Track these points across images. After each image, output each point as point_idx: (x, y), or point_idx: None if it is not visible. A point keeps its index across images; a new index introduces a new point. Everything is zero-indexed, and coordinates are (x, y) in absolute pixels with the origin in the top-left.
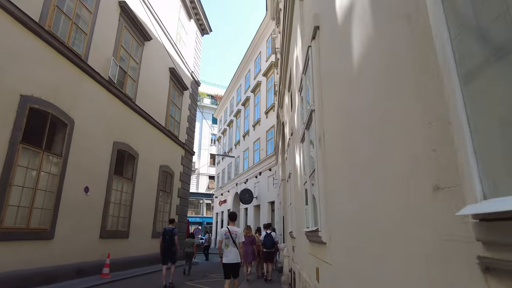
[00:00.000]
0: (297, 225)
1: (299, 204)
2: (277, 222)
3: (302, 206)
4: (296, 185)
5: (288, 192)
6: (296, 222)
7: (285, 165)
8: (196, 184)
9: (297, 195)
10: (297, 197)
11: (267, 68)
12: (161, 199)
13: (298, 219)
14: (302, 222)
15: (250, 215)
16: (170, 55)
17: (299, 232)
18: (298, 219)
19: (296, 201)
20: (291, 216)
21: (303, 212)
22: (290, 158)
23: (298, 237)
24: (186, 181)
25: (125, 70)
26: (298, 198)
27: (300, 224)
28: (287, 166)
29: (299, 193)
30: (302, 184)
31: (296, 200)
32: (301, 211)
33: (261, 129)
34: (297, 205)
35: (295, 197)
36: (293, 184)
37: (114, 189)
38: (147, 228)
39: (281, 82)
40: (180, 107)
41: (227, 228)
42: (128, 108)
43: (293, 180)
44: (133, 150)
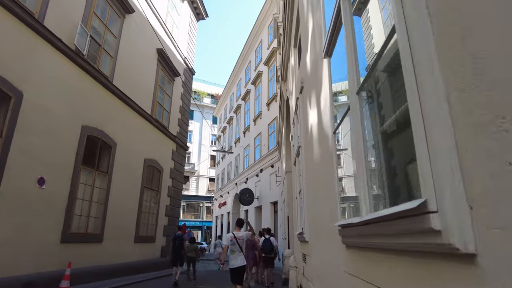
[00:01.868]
0: (318, 219)
1: (321, 186)
2: (281, 225)
3: (330, 187)
4: (314, 154)
5: (297, 173)
6: (313, 216)
7: (290, 146)
8: (195, 187)
9: (318, 172)
10: (319, 175)
11: (269, 56)
12: (146, 198)
13: (321, 209)
14: (333, 211)
15: (251, 218)
16: (158, 34)
17: (321, 230)
18: (319, 209)
19: (314, 182)
20: (301, 210)
21: (334, 197)
22: (301, 118)
23: (317, 239)
24: (178, 179)
25: (99, 43)
26: (319, 177)
27: (324, 217)
28: (295, 133)
29: (322, 169)
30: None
31: (315, 180)
32: (329, 195)
33: (263, 123)
34: (316, 188)
35: (311, 176)
36: (308, 153)
37: (83, 183)
38: (129, 231)
39: (285, 37)
40: (170, 94)
41: (233, 234)
42: (102, 88)
43: (308, 147)
44: (109, 138)
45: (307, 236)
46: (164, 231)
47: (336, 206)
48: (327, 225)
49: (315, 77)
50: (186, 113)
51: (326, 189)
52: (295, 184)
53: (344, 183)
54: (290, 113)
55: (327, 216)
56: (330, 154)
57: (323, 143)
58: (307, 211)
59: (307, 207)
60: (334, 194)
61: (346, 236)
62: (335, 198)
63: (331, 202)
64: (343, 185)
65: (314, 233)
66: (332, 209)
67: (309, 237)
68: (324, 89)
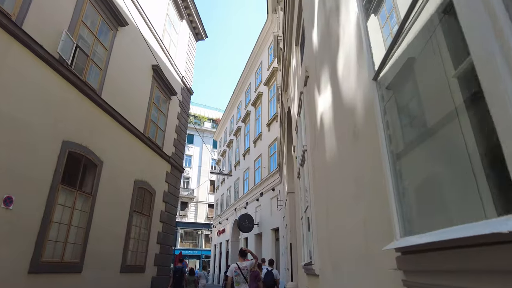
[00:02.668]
0: (337, 241)
1: (345, 186)
2: (283, 253)
3: (369, 178)
4: (328, 147)
5: (302, 187)
6: (327, 237)
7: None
8: (194, 213)
9: (337, 168)
10: (338, 172)
11: (269, 76)
12: (136, 223)
13: (343, 224)
14: (376, 224)
15: (251, 246)
16: (153, 50)
17: (343, 258)
18: (338, 225)
19: (328, 187)
20: (307, 234)
21: (380, 194)
22: (306, 116)
23: (336, 273)
24: (172, 203)
25: (87, 54)
26: (339, 174)
27: (350, 236)
28: (299, 139)
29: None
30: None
31: (329, 184)
32: (366, 193)
33: (263, 144)
34: (333, 193)
35: (322, 181)
36: (318, 153)
37: (61, 204)
38: (114, 259)
39: (286, 40)
40: (166, 113)
41: (237, 264)
42: (88, 101)
43: (319, 144)
44: (94, 156)
45: (317, 267)
46: (156, 260)
47: (390, 210)
48: (357, 249)
49: (328, 36)
50: (182, 133)
51: (356, 186)
52: (299, 204)
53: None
54: (292, 123)
55: (358, 234)
56: (372, 119)
57: (348, 117)
58: (316, 232)
59: (316, 227)
60: (382, 186)
61: (420, 272)
62: (384, 196)
63: (373, 206)
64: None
65: (330, 263)
66: (373, 219)
67: (321, 269)
68: (347, 16)
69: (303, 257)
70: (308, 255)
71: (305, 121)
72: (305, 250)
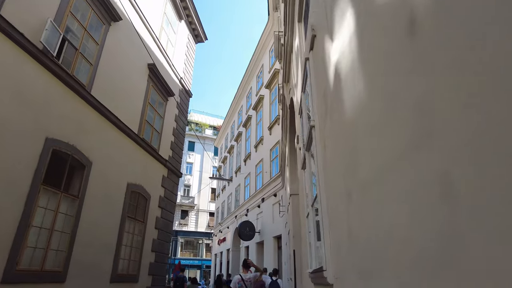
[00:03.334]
0: (367, 235)
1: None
2: (286, 262)
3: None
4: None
5: (307, 178)
6: (348, 231)
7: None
8: (195, 222)
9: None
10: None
11: (271, 78)
12: (128, 230)
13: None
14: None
15: (252, 255)
16: (149, 48)
17: (379, 259)
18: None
19: (349, 155)
20: (315, 235)
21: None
22: (313, 85)
23: (363, 283)
24: (169, 209)
25: (75, 47)
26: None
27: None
28: (303, 120)
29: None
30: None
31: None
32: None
33: (264, 148)
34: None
35: (339, 153)
36: (333, 119)
37: (42, 207)
38: (103, 268)
39: (287, 21)
40: (162, 115)
41: (240, 276)
42: (77, 97)
43: (334, 109)
44: (82, 156)
45: (330, 274)
46: (150, 269)
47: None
48: (422, 246)
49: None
50: (180, 137)
51: (418, 124)
52: (304, 200)
53: None
54: (295, 110)
55: (424, 217)
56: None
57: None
58: (328, 229)
59: (328, 221)
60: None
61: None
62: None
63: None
64: None
65: (355, 269)
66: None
67: (337, 277)
68: None
69: (309, 263)
70: (316, 260)
71: (311, 93)
72: (312, 255)
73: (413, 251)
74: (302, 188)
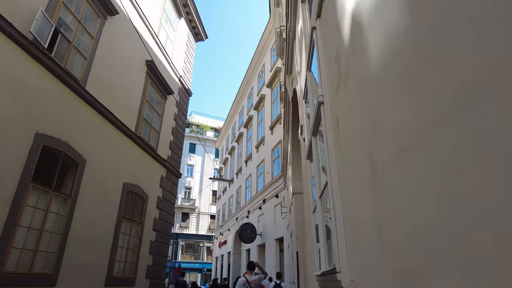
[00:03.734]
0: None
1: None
2: (288, 265)
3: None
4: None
5: (315, 164)
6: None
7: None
8: (196, 225)
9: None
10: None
11: (272, 77)
12: (125, 231)
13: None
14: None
15: (253, 258)
16: (147, 44)
17: (425, 265)
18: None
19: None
20: (324, 231)
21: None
22: (321, 56)
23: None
24: (168, 211)
25: (69, 39)
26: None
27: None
28: (310, 100)
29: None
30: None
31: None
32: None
33: (266, 149)
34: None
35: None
36: (349, 84)
37: (31, 206)
38: (98, 271)
39: (289, 4)
40: (161, 113)
41: (245, 278)
42: (70, 92)
43: (349, 73)
44: (75, 153)
45: (345, 277)
46: (148, 272)
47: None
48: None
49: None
50: (179, 136)
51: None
52: (309, 193)
53: None
54: (298, 97)
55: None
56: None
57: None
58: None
59: (343, 210)
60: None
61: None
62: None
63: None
64: None
65: (386, 269)
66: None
67: (354, 280)
68: None
69: (316, 264)
70: (326, 261)
71: (319, 65)
72: (321, 255)
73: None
74: (307, 182)
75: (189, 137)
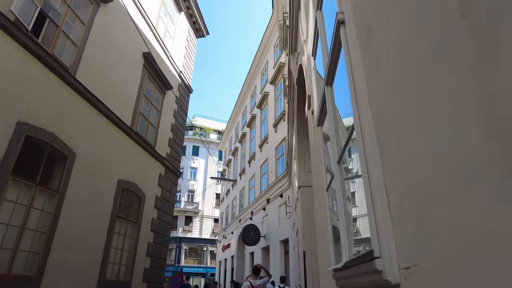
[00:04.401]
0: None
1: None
2: (294, 268)
3: None
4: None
5: (331, 122)
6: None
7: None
8: (199, 229)
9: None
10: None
11: (276, 73)
12: (119, 231)
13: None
14: None
15: (257, 261)
16: (144, 35)
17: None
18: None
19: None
20: (345, 208)
21: None
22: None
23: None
24: (167, 211)
25: (57, 24)
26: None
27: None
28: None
29: None
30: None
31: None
32: None
33: (269, 147)
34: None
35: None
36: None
37: (11, 201)
38: (88, 273)
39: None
40: (159, 109)
41: (250, 282)
42: (58, 80)
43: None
44: (63, 145)
45: (391, 264)
46: (145, 276)
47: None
48: None
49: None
50: (179, 133)
51: None
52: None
53: None
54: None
55: None
56: None
57: None
58: (381, 174)
59: (382, 163)
60: None
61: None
62: None
63: None
64: None
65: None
66: None
67: (410, 265)
68: None
69: (332, 257)
70: (348, 247)
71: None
72: (344, 242)
73: None
74: (318, 159)
75: (192, 140)
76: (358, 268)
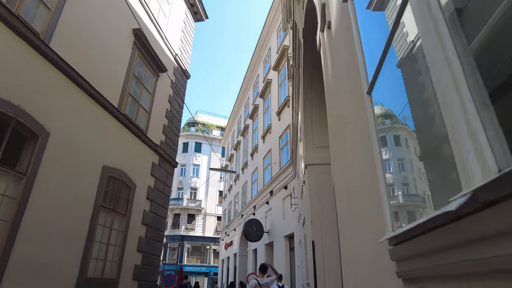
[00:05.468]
0: None
1: None
2: (299, 265)
3: None
4: None
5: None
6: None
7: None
8: (202, 227)
9: None
10: None
11: (279, 58)
12: (104, 223)
13: None
14: None
15: (260, 259)
16: (134, 10)
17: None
18: None
19: None
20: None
21: None
22: None
23: None
24: (161, 203)
25: None
26: None
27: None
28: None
29: None
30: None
31: None
32: None
33: (273, 137)
34: None
35: None
36: None
37: None
38: (65, 270)
39: None
40: (152, 92)
41: (257, 280)
42: (27, 46)
43: None
44: (34, 123)
45: None
46: (136, 273)
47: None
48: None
49: None
50: (175, 121)
51: None
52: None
53: None
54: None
55: None
56: None
57: None
58: None
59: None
60: None
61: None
62: None
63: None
64: None
65: None
66: None
67: None
68: None
69: (388, 219)
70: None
71: None
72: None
73: None
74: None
75: (195, 136)
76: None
